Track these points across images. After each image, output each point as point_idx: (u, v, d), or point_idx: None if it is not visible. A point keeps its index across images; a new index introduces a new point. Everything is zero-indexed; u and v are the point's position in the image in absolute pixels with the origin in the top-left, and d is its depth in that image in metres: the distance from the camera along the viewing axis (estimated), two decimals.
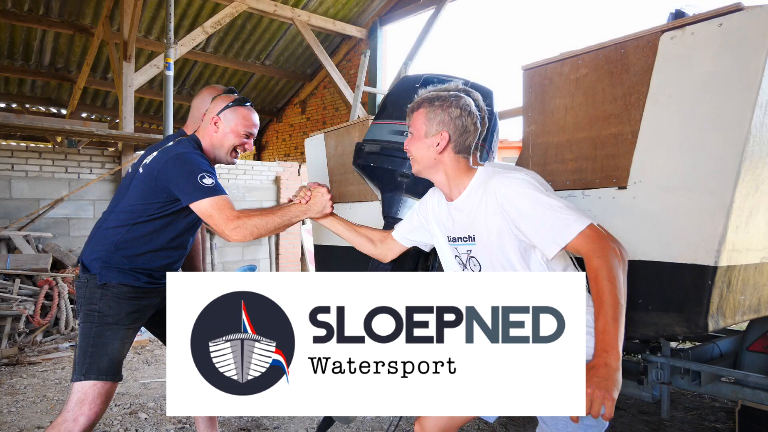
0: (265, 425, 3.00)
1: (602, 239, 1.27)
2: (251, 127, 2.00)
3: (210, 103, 2.01)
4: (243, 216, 1.76)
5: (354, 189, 2.92)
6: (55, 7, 7.71)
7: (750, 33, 1.42)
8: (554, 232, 1.31)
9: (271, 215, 1.80)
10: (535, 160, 1.95)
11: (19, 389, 3.53)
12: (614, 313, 1.22)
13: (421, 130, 1.54)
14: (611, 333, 1.21)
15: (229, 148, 1.98)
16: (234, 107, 1.96)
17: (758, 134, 1.48)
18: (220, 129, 1.95)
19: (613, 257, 1.25)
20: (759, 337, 2.80)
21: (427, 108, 1.54)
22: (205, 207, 1.76)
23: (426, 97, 1.56)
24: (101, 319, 1.81)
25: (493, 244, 1.45)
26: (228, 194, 1.82)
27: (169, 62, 5.38)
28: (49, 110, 10.60)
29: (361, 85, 5.16)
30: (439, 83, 2.09)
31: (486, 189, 1.46)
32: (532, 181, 1.41)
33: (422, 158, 1.56)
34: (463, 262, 1.60)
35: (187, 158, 1.82)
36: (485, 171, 1.53)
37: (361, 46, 9.31)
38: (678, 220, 1.55)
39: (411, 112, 1.59)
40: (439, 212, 1.66)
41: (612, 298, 1.22)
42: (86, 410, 1.71)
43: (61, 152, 6.05)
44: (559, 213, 1.31)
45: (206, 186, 1.76)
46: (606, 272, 1.23)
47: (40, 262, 5.05)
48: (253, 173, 7.46)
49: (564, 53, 1.87)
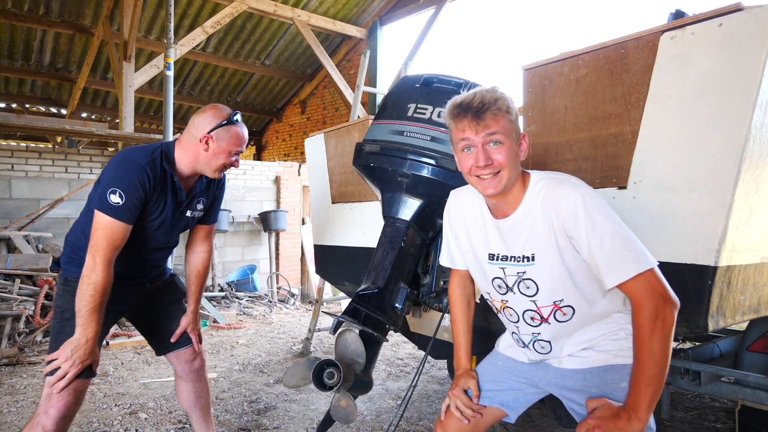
0: (265, 425, 3.00)
1: (659, 295, 1.20)
2: (242, 145, 1.95)
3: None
4: (100, 270, 1.70)
5: (354, 189, 2.92)
6: (55, 7, 7.71)
7: (750, 33, 1.42)
8: (620, 262, 1.22)
9: (81, 302, 1.70)
10: (535, 160, 1.95)
11: (19, 389, 3.53)
12: (648, 380, 1.20)
13: (511, 136, 1.32)
14: (641, 396, 1.20)
15: (218, 167, 1.92)
16: (227, 126, 1.90)
17: (758, 134, 1.48)
18: (211, 148, 1.88)
19: (669, 323, 1.19)
20: (759, 337, 2.81)
21: (509, 106, 1.32)
22: (97, 220, 1.74)
23: (494, 92, 1.32)
24: (61, 315, 1.84)
25: (556, 264, 1.33)
26: (129, 225, 1.76)
27: (169, 62, 5.38)
28: (49, 110, 10.60)
29: (361, 85, 5.16)
30: (439, 83, 2.10)
31: (546, 202, 1.32)
32: (601, 198, 1.29)
33: (514, 170, 1.34)
34: (507, 285, 1.45)
35: (123, 165, 1.78)
36: (539, 180, 1.37)
37: (361, 46, 9.31)
38: (678, 221, 1.54)
39: (487, 112, 1.29)
40: (475, 227, 1.51)
41: (650, 366, 1.19)
42: (54, 402, 1.73)
43: (61, 152, 6.05)
44: (629, 241, 1.23)
45: (109, 202, 1.72)
46: (657, 344, 1.18)
47: (40, 262, 5.05)
48: (253, 173, 7.45)
49: (564, 53, 1.87)
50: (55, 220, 5.92)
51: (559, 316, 1.40)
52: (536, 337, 1.47)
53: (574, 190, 1.29)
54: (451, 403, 1.58)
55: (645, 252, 1.23)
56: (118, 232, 1.75)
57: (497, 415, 1.59)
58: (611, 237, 1.23)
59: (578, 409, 1.45)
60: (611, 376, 1.38)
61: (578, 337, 1.43)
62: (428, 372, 4.08)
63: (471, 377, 1.61)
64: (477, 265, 1.54)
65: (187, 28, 8.30)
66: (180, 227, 2.05)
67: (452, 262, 1.67)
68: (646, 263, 1.21)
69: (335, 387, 1.73)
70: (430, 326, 2.37)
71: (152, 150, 1.86)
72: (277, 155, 11.84)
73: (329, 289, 6.57)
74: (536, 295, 1.40)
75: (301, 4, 8.42)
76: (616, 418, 1.24)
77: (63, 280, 1.90)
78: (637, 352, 1.22)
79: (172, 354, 2.18)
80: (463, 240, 1.56)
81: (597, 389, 1.40)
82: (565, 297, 1.37)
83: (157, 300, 2.14)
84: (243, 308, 6.39)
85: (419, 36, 8.48)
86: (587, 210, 1.26)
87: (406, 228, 2.04)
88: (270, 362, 4.35)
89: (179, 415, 3.10)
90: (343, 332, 1.82)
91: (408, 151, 1.99)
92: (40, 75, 9.10)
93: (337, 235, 3.07)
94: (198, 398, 2.24)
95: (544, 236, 1.33)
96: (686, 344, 3.31)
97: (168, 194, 1.91)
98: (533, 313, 1.44)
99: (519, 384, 1.58)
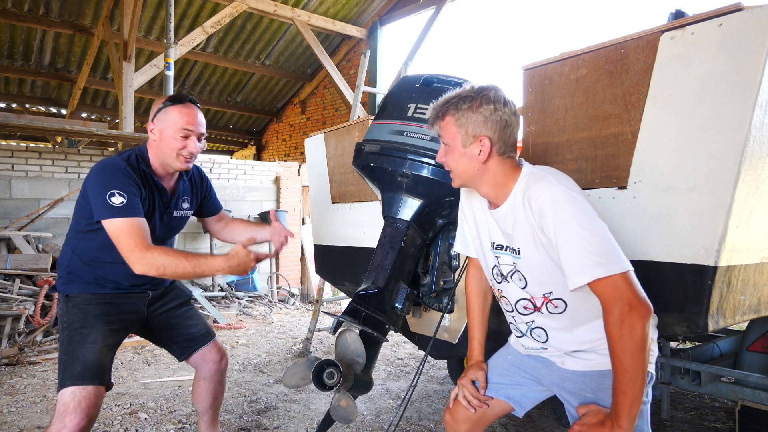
0: (265, 425, 3.00)
1: (624, 301, 1.17)
2: (191, 123, 1.82)
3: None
4: (153, 250, 1.68)
5: (354, 189, 2.92)
6: (55, 7, 7.71)
7: (750, 33, 1.42)
8: (583, 265, 1.20)
9: (185, 260, 1.69)
10: (535, 161, 1.94)
11: (19, 389, 3.53)
12: (623, 387, 1.18)
13: (456, 139, 1.37)
14: (619, 404, 1.19)
15: (172, 152, 1.83)
16: (165, 108, 1.82)
17: (758, 134, 1.47)
18: (158, 135, 1.83)
19: (637, 330, 1.15)
20: (759, 337, 2.81)
21: (455, 113, 1.36)
22: (112, 228, 1.69)
23: (449, 100, 1.38)
24: (69, 328, 1.80)
25: (536, 259, 1.34)
26: (142, 217, 1.74)
27: (169, 62, 5.39)
28: (49, 110, 10.60)
29: (361, 85, 5.16)
30: (439, 83, 2.09)
31: (525, 198, 1.33)
32: (578, 197, 1.27)
33: (465, 172, 1.39)
34: (502, 273, 1.47)
35: (105, 170, 1.75)
36: (525, 174, 1.38)
37: (361, 46, 9.31)
38: (678, 221, 1.54)
39: (435, 120, 1.41)
40: (481, 214, 1.53)
41: (621, 374, 1.18)
42: (68, 422, 1.63)
43: (61, 152, 6.05)
44: (595, 245, 1.20)
45: (113, 205, 1.68)
46: (625, 352, 1.16)
47: (40, 262, 5.05)
48: (253, 173, 7.45)
49: (564, 53, 1.87)
50: (55, 220, 5.92)
51: (551, 308, 1.41)
52: (531, 326, 1.49)
53: (549, 188, 1.28)
54: (459, 392, 1.63)
55: (616, 255, 1.20)
56: (138, 227, 1.71)
57: (504, 408, 1.61)
58: (579, 239, 1.21)
59: (573, 411, 1.46)
60: (608, 381, 1.37)
61: (581, 336, 1.42)
62: (428, 372, 4.08)
63: (480, 369, 1.64)
64: (482, 252, 1.57)
65: (187, 28, 8.30)
66: (172, 228, 2.03)
67: (465, 248, 1.68)
68: (615, 267, 1.18)
69: (335, 387, 1.73)
70: (430, 326, 2.37)
71: (127, 154, 1.84)
72: (277, 155, 11.84)
73: (329, 289, 6.57)
74: (526, 288, 1.42)
75: (301, 4, 8.42)
76: (600, 425, 1.24)
77: (64, 298, 1.86)
78: (611, 359, 1.21)
79: (197, 355, 2.11)
80: (472, 226, 1.60)
81: (592, 394, 1.40)
82: (554, 290, 1.38)
83: (163, 307, 2.09)
84: (243, 308, 6.39)
85: (419, 36, 8.48)
86: (557, 210, 1.25)
87: (406, 228, 2.04)
88: (270, 362, 4.35)
89: (179, 415, 3.10)
90: (343, 332, 1.82)
91: (408, 151, 1.99)
92: (40, 75, 9.10)
93: (337, 235, 3.07)
94: (215, 399, 2.19)
95: (527, 231, 1.34)
96: (686, 344, 3.31)
97: (155, 194, 1.89)
98: (526, 302, 1.45)
99: (526, 380, 1.59)
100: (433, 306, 2.20)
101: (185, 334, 2.10)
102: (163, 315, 2.08)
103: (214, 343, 2.16)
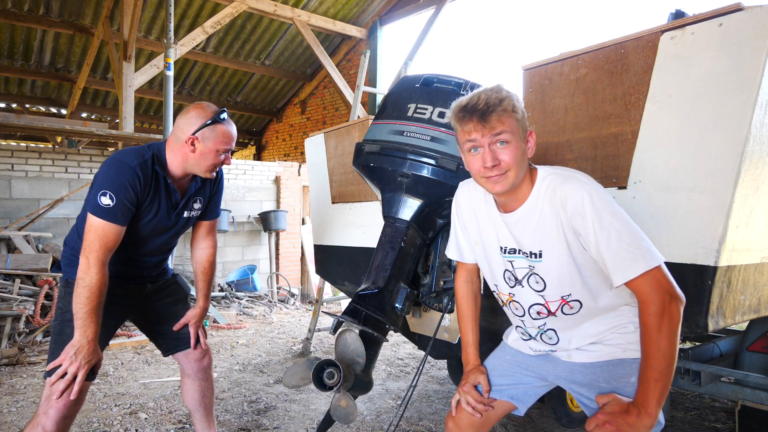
0: (265, 425, 3.00)
1: (666, 292, 1.20)
2: (230, 143, 1.90)
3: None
4: (97, 268, 1.71)
5: (354, 189, 2.92)
6: (55, 7, 7.71)
7: (750, 33, 1.42)
8: (629, 260, 1.22)
9: (79, 303, 1.70)
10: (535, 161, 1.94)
11: (19, 389, 3.53)
12: (657, 375, 1.20)
13: (517, 133, 1.31)
14: (650, 392, 1.21)
15: (208, 167, 1.89)
16: (212, 125, 1.85)
17: (758, 134, 1.48)
18: (198, 149, 1.85)
19: (675, 319, 1.20)
20: (759, 337, 2.81)
21: (514, 104, 1.30)
22: (89, 222, 1.74)
23: (498, 92, 1.31)
24: (62, 316, 1.84)
25: (564, 259, 1.33)
26: (121, 226, 1.76)
27: (169, 62, 5.37)
28: (49, 110, 10.60)
29: (361, 85, 5.16)
30: (439, 83, 2.10)
31: (554, 198, 1.31)
32: (607, 194, 1.28)
33: (522, 168, 1.33)
34: (516, 277, 1.45)
35: (114, 167, 1.77)
36: (546, 175, 1.37)
37: (361, 46, 9.31)
38: (678, 221, 1.55)
39: (493, 113, 1.28)
40: (485, 218, 1.50)
41: (659, 362, 1.20)
42: (53, 403, 1.73)
43: (61, 152, 6.05)
44: (637, 239, 1.22)
45: (100, 204, 1.72)
46: (665, 340, 1.19)
47: (40, 262, 5.05)
48: (253, 173, 7.45)
49: (564, 53, 1.87)
50: (55, 220, 5.92)
51: (566, 309, 1.41)
52: (543, 330, 1.48)
53: (581, 186, 1.29)
54: (462, 399, 1.59)
55: (652, 249, 1.23)
56: (111, 234, 1.75)
57: (507, 408, 1.61)
58: (618, 235, 1.23)
59: (588, 403, 1.46)
60: (620, 371, 1.39)
61: (586, 330, 1.43)
62: (428, 372, 4.08)
63: (480, 372, 1.61)
64: (485, 257, 1.54)
65: (187, 28, 8.30)
66: (179, 229, 2.04)
67: (460, 254, 1.66)
68: (653, 260, 1.22)
69: (335, 387, 1.73)
70: (430, 326, 2.37)
71: (143, 152, 1.84)
72: (277, 155, 11.84)
73: (329, 289, 6.57)
74: (544, 291, 1.40)
75: (301, 4, 8.42)
76: (626, 413, 1.24)
77: (64, 282, 1.90)
78: (645, 348, 1.22)
79: (181, 353, 2.17)
80: (473, 231, 1.56)
81: (607, 384, 1.40)
82: (572, 291, 1.38)
83: (159, 301, 2.13)
84: (243, 308, 6.39)
85: (419, 36, 8.48)
86: (595, 207, 1.25)
87: (406, 228, 2.04)
88: (270, 362, 4.35)
89: (179, 415, 3.10)
90: (343, 332, 1.82)
91: (408, 151, 1.99)
92: (40, 75, 9.10)
93: (337, 235, 3.07)
94: (203, 397, 2.24)
95: (553, 232, 1.32)
96: (686, 344, 3.31)
97: (162, 196, 1.89)
98: (540, 308, 1.44)
99: (528, 378, 1.59)
100: (433, 306, 2.20)
101: (170, 331, 2.15)
102: (156, 305, 2.13)
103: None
